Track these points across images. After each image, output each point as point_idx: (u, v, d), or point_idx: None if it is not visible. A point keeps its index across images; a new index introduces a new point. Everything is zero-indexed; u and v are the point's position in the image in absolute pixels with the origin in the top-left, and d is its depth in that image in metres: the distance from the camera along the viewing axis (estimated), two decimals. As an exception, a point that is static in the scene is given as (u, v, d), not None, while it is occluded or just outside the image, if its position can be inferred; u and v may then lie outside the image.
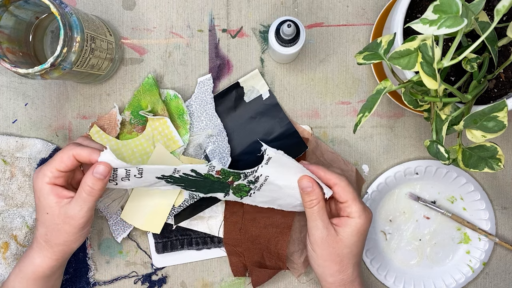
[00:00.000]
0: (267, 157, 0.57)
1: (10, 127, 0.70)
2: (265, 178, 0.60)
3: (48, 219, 0.57)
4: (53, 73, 0.55)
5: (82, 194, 0.56)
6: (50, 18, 0.62)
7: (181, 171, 0.58)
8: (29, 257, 0.59)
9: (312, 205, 0.60)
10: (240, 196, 0.64)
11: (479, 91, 0.54)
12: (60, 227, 0.57)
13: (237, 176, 0.60)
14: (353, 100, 0.69)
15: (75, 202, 0.56)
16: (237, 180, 0.61)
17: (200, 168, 0.58)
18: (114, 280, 0.70)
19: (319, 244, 0.59)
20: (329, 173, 0.60)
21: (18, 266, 0.60)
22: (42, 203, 0.57)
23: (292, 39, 0.59)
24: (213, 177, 0.60)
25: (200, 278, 0.71)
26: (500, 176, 0.71)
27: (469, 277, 0.70)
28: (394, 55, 0.50)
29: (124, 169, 0.57)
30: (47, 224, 0.57)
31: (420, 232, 0.71)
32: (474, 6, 0.47)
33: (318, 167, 0.61)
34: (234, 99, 0.69)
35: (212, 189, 0.63)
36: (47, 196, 0.56)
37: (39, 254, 0.59)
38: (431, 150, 0.53)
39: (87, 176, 0.56)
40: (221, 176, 0.60)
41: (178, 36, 0.69)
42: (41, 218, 0.58)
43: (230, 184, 0.62)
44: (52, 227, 0.57)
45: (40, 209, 0.57)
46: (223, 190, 0.63)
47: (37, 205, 0.58)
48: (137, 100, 0.68)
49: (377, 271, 0.70)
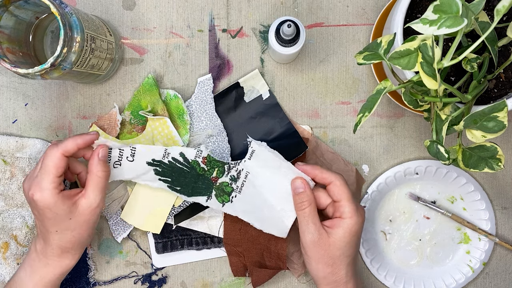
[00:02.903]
0: (251, 149, 0.63)
1: (10, 127, 0.70)
2: (246, 174, 0.63)
3: (72, 223, 0.57)
4: (53, 73, 0.55)
5: (95, 181, 0.57)
6: (50, 18, 0.62)
7: (171, 154, 0.63)
8: (52, 266, 0.60)
9: (303, 207, 0.60)
10: (222, 201, 0.65)
11: (479, 91, 0.54)
12: (85, 223, 0.58)
13: (221, 168, 0.64)
14: (353, 100, 0.69)
15: (91, 191, 0.57)
16: (221, 175, 0.64)
17: (188, 152, 0.64)
18: (114, 280, 0.70)
19: (310, 248, 0.59)
20: (325, 172, 0.60)
21: (37, 273, 0.60)
22: (59, 215, 0.56)
23: (292, 39, 0.59)
24: (199, 168, 0.64)
25: (200, 278, 0.71)
26: (500, 176, 0.71)
27: (469, 277, 0.70)
28: (394, 55, 0.50)
29: (118, 149, 0.61)
30: (72, 227, 0.58)
31: (420, 232, 0.71)
32: (474, 6, 0.47)
33: (315, 167, 0.61)
34: (234, 99, 0.69)
35: (196, 189, 0.65)
36: (62, 205, 0.56)
37: (65, 261, 0.60)
38: (431, 150, 0.53)
39: (95, 163, 0.57)
40: (206, 167, 0.64)
41: (178, 36, 0.69)
42: (62, 226, 0.57)
43: (214, 182, 0.64)
44: (78, 228, 0.58)
45: (57, 221, 0.57)
46: (206, 191, 0.65)
47: (51, 219, 0.57)
48: (137, 100, 0.68)
49: (377, 271, 0.70)
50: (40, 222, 0.58)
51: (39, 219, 0.58)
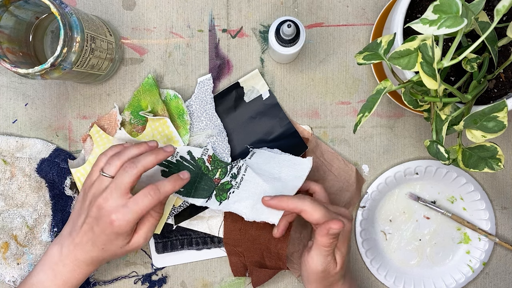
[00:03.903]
0: (252, 152, 0.66)
1: (10, 127, 0.70)
2: (245, 168, 0.64)
3: (119, 249, 0.60)
4: (53, 73, 0.55)
5: (151, 223, 0.61)
6: (50, 18, 0.62)
7: (179, 153, 0.66)
8: (77, 272, 0.60)
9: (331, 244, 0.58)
10: (219, 199, 0.65)
11: (479, 91, 0.54)
12: (126, 252, 0.61)
13: (224, 169, 0.66)
14: (353, 100, 0.69)
15: (144, 232, 0.61)
16: (223, 175, 0.66)
17: (195, 150, 0.67)
18: (114, 280, 0.70)
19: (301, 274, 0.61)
20: (292, 202, 0.57)
21: (60, 277, 0.60)
22: (117, 241, 0.58)
23: (292, 39, 0.59)
24: (204, 166, 0.66)
25: (200, 278, 0.71)
26: (500, 176, 0.71)
27: (469, 277, 0.70)
28: (394, 55, 0.50)
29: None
30: (117, 252, 0.60)
31: (420, 232, 0.71)
32: (474, 6, 0.47)
33: (282, 199, 0.58)
34: (234, 99, 0.69)
35: (198, 189, 0.66)
36: (127, 236, 0.59)
37: (91, 269, 0.61)
38: (431, 150, 0.53)
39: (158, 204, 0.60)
40: (211, 167, 0.66)
41: (178, 36, 0.69)
42: (111, 247, 0.59)
43: (216, 184, 0.66)
44: (119, 253, 0.60)
45: (110, 243, 0.58)
46: (208, 192, 0.66)
47: (108, 239, 0.58)
48: (137, 100, 0.68)
49: (377, 271, 0.70)
50: (93, 234, 0.58)
51: (94, 233, 0.58)
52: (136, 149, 0.60)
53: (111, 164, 0.58)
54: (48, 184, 0.68)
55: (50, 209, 0.68)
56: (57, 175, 0.67)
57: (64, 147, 0.70)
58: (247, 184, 0.63)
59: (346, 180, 0.69)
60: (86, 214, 0.58)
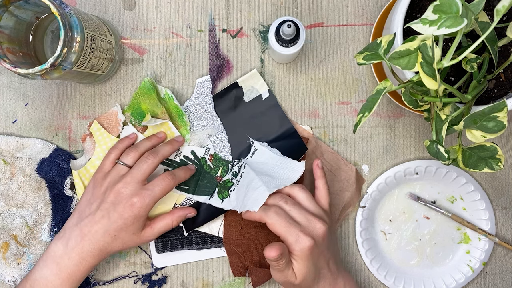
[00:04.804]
0: (253, 148, 0.68)
1: (10, 127, 0.70)
2: (244, 165, 0.66)
3: (130, 237, 0.62)
4: (53, 73, 0.55)
5: (166, 224, 0.65)
6: (50, 18, 0.62)
7: (183, 153, 0.68)
8: (83, 265, 0.60)
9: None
10: (222, 197, 0.67)
11: (479, 91, 0.54)
12: (136, 243, 0.63)
13: (225, 167, 0.68)
14: (353, 100, 0.69)
15: (158, 228, 0.64)
16: (225, 173, 0.68)
17: (198, 150, 0.68)
18: (114, 280, 0.71)
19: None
20: (258, 213, 0.60)
21: (65, 271, 0.60)
22: (132, 226, 0.60)
23: (292, 39, 0.59)
24: (206, 165, 0.68)
25: (200, 278, 0.71)
26: (500, 176, 0.71)
27: (469, 277, 0.70)
28: (394, 55, 0.50)
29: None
30: (126, 240, 0.62)
31: (420, 232, 0.71)
32: (474, 6, 0.47)
33: (250, 212, 0.60)
34: (233, 99, 0.69)
35: (201, 187, 0.67)
36: (143, 222, 0.62)
37: (95, 262, 0.61)
38: (431, 150, 0.53)
39: (181, 215, 0.66)
40: (212, 165, 0.68)
41: (178, 36, 0.69)
42: (123, 235, 0.60)
43: (218, 182, 0.68)
44: (129, 242, 0.62)
45: (123, 230, 0.60)
46: (210, 189, 0.67)
47: (124, 224, 0.60)
48: (136, 102, 0.68)
49: (377, 271, 0.70)
50: (108, 220, 0.59)
51: (110, 218, 0.59)
52: (149, 142, 0.64)
53: (128, 154, 0.62)
54: (48, 184, 0.68)
55: (50, 209, 0.68)
56: (57, 175, 0.67)
57: (64, 147, 0.70)
58: (243, 180, 0.65)
59: (346, 180, 0.69)
60: (100, 201, 0.60)
